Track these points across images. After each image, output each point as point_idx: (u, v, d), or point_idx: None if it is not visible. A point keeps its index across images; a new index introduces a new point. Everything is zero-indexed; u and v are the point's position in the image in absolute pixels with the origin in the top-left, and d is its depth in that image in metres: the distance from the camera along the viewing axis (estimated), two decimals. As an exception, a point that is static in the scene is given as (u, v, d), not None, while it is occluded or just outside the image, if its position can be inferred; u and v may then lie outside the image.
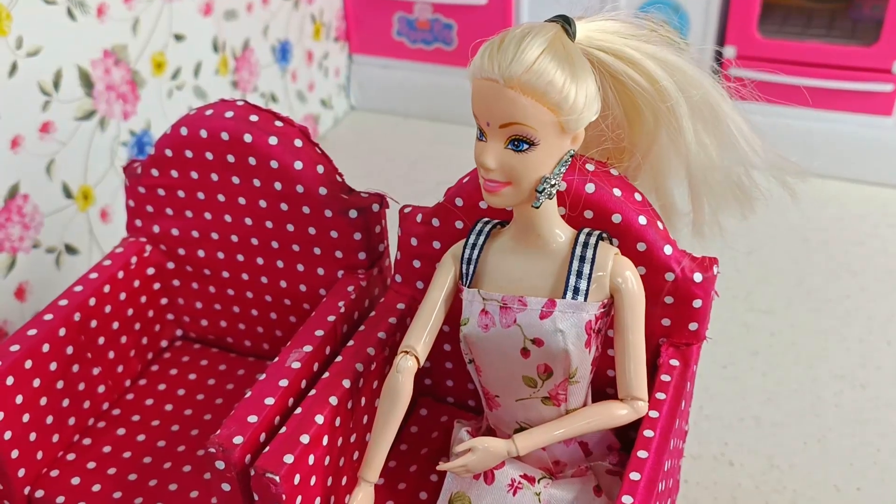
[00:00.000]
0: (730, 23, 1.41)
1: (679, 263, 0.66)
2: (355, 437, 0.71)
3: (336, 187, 0.77)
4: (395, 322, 0.74)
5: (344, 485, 0.71)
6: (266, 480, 0.61)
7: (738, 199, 0.66)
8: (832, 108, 1.41)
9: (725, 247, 1.28)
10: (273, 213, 0.79)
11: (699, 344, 0.69)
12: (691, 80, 0.60)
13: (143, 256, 0.87)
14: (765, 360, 1.11)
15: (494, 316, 0.63)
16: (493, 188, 0.59)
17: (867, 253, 1.29)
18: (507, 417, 0.68)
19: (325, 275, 0.81)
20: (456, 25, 1.59)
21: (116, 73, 1.13)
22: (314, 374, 0.71)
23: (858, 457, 0.96)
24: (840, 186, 1.44)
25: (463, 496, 0.66)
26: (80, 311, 0.80)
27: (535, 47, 0.55)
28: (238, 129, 0.77)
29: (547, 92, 0.55)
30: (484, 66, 0.56)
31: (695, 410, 1.02)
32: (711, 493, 0.93)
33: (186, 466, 0.78)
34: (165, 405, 0.85)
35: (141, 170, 0.84)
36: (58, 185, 1.07)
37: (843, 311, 1.18)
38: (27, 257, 1.04)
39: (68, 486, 0.77)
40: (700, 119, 0.61)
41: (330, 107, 1.68)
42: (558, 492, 0.66)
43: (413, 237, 0.74)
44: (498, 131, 0.57)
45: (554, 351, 0.62)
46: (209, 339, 0.93)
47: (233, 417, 0.65)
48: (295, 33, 1.53)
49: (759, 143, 0.63)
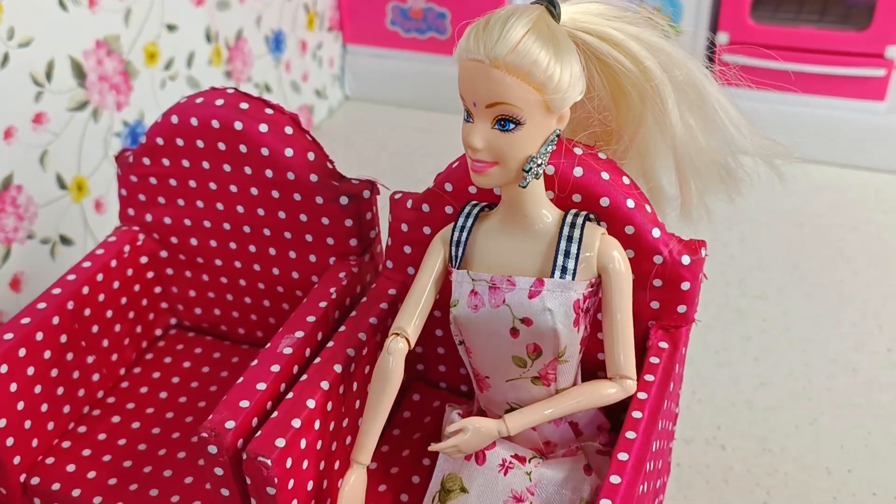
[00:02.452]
0: (722, 9, 1.41)
1: (667, 246, 0.66)
2: (347, 422, 0.72)
3: (327, 174, 0.78)
4: (387, 307, 0.75)
5: (337, 469, 0.71)
6: (258, 464, 0.61)
7: (725, 181, 0.66)
8: (825, 94, 1.41)
9: (719, 232, 1.29)
10: (264, 200, 0.80)
11: (688, 326, 0.69)
12: (675, 61, 0.60)
13: (135, 245, 0.87)
14: (758, 344, 1.11)
15: (484, 296, 0.64)
16: (480, 168, 0.59)
17: (861, 238, 1.30)
18: (497, 398, 0.68)
19: (317, 261, 0.81)
20: (449, 14, 1.59)
21: (109, 63, 1.13)
22: (306, 360, 0.72)
23: (850, 439, 0.97)
24: (834, 172, 1.44)
25: (455, 477, 0.67)
26: (74, 299, 0.80)
27: (519, 28, 0.55)
28: (228, 117, 0.77)
29: (532, 71, 0.55)
30: (470, 47, 0.56)
31: (687, 395, 1.03)
32: (704, 476, 0.93)
33: (181, 453, 0.79)
34: (160, 393, 0.86)
35: (133, 158, 0.84)
36: (52, 176, 1.07)
37: (836, 296, 1.19)
38: (22, 248, 1.05)
39: (64, 474, 0.77)
40: (685, 100, 0.62)
41: (324, 97, 1.68)
42: (549, 471, 0.66)
43: (403, 223, 0.74)
44: (484, 111, 0.57)
45: (543, 330, 0.62)
46: (203, 326, 0.93)
47: (225, 403, 0.65)
48: (288, 23, 1.53)
49: (746, 125, 0.63)
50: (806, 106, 1.42)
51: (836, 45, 1.38)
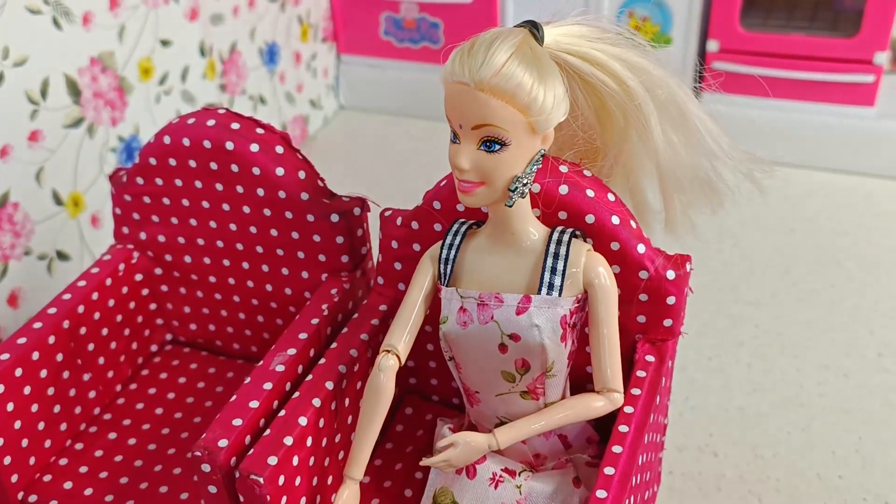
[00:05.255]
0: (713, 16, 1.42)
1: (652, 262, 0.67)
2: (340, 438, 0.72)
3: (318, 192, 0.79)
4: (378, 323, 0.76)
5: (330, 484, 0.72)
6: (251, 482, 0.62)
7: (707, 194, 0.68)
8: (815, 100, 1.42)
9: (711, 239, 1.30)
10: (257, 218, 0.81)
11: (675, 340, 0.70)
12: (657, 81, 0.62)
13: (130, 263, 0.88)
14: (750, 351, 1.12)
15: (472, 313, 0.65)
16: (467, 188, 0.60)
17: (852, 243, 1.31)
18: (487, 412, 0.69)
19: (310, 278, 0.82)
20: (442, 24, 1.60)
21: (104, 80, 1.14)
22: (298, 377, 0.73)
23: (841, 445, 0.98)
24: (824, 177, 1.45)
25: (446, 491, 0.68)
26: (69, 318, 0.81)
27: (503, 51, 0.56)
28: (220, 137, 0.78)
29: (516, 94, 0.56)
30: (455, 71, 0.57)
31: (680, 402, 1.03)
32: (696, 483, 0.94)
33: (177, 469, 0.80)
34: (156, 409, 0.87)
35: (126, 178, 0.85)
36: (48, 193, 1.08)
37: (828, 301, 1.19)
38: (19, 265, 1.06)
39: (61, 491, 0.78)
40: (667, 118, 0.63)
41: (319, 107, 1.69)
42: (538, 484, 0.67)
43: (393, 240, 0.75)
44: (471, 133, 0.58)
45: (531, 345, 0.63)
46: (198, 342, 0.94)
47: (218, 421, 0.66)
48: (282, 35, 1.54)
49: (726, 140, 0.65)
50: (796, 112, 1.43)
51: (825, 51, 1.38)
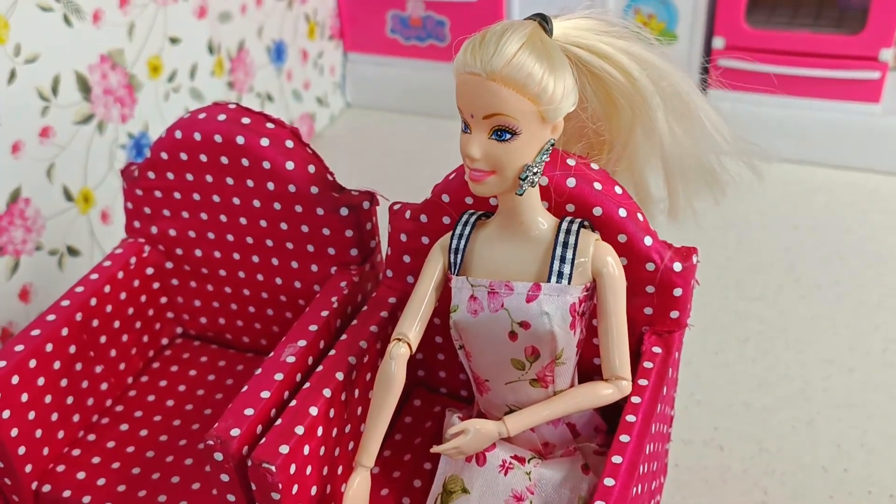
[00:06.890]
0: (718, 14, 1.43)
1: (659, 254, 0.68)
2: (350, 428, 0.73)
3: (327, 186, 0.79)
4: (387, 316, 0.76)
5: (340, 473, 0.73)
6: (262, 471, 0.63)
7: (710, 184, 0.69)
8: (820, 97, 1.43)
9: (716, 236, 1.30)
10: (267, 212, 0.82)
11: (681, 331, 0.71)
12: (662, 73, 0.63)
13: (141, 257, 0.89)
14: (755, 346, 1.12)
15: (483, 301, 0.65)
16: (478, 177, 0.61)
17: (856, 239, 1.31)
18: (497, 401, 0.70)
19: (319, 271, 0.83)
20: (448, 22, 1.61)
21: (113, 77, 1.15)
22: (308, 368, 0.73)
23: (846, 439, 0.98)
24: (829, 174, 1.46)
25: (456, 479, 0.69)
26: (82, 311, 0.82)
27: (514, 42, 0.57)
28: (231, 132, 0.79)
29: (526, 84, 0.57)
30: (467, 62, 0.58)
31: (685, 396, 1.04)
32: (701, 476, 0.95)
33: (188, 459, 0.81)
34: (167, 401, 0.88)
35: (138, 173, 0.86)
36: (58, 189, 1.10)
37: (832, 297, 1.20)
38: (30, 260, 1.07)
39: (74, 481, 0.79)
40: (672, 109, 0.64)
41: (326, 105, 1.70)
42: (548, 471, 0.68)
43: (402, 233, 0.76)
44: (482, 122, 0.59)
45: (540, 333, 0.64)
46: (208, 336, 0.95)
47: (230, 411, 0.67)
48: (289, 33, 1.55)
49: (728, 131, 0.66)
50: (801, 108, 1.44)
51: (830, 48, 1.39)
